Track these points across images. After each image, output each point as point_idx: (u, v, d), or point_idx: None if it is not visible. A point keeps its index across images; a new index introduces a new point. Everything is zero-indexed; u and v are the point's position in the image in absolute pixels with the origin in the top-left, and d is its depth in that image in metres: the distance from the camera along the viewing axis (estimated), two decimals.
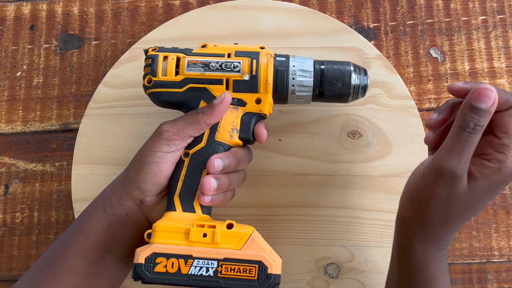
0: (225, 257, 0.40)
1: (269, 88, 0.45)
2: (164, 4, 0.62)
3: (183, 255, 0.40)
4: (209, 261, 0.40)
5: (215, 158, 0.43)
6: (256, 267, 0.39)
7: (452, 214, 0.39)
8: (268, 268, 0.39)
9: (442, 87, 0.58)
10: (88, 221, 0.44)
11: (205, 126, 0.44)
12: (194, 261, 0.40)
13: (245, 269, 0.40)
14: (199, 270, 0.40)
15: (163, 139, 0.43)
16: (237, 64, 0.45)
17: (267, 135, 0.47)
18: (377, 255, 0.53)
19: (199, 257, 0.40)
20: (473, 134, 0.37)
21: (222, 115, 0.44)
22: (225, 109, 0.44)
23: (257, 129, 0.46)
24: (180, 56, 0.46)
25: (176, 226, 0.41)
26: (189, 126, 0.44)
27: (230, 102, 0.44)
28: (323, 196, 0.54)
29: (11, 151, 0.59)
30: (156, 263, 0.40)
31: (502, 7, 0.59)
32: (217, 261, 0.40)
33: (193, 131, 0.44)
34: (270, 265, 0.39)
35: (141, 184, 0.43)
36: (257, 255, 0.40)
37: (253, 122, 0.46)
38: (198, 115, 0.44)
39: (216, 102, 0.44)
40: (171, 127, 0.44)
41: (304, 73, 0.46)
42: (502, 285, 0.54)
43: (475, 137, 0.37)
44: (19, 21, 0.62)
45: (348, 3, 0.60)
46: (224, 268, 0.40)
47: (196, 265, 0.40)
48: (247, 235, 0.40)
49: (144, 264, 0.40)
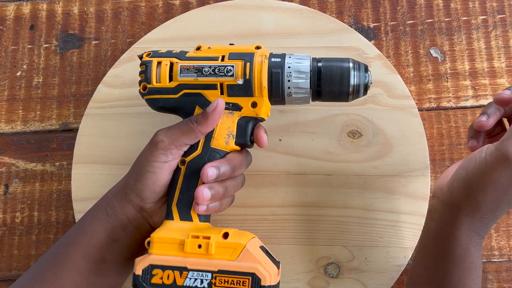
0: (219, 269, 0.40)
1: (264, 92, 0.44)
2: (164, 4, 0.62)
3: (178, 267, 0.40)
4: (203, 273, 0.40)
5: (209, 167, 0.42)
6: (249, 279, 0.39)
7: (505, 201, 0.41)
8: (261, 280, 0.39)
9: (442, 86, 0.58)
10: (90, 223, 0.45)
11: (200, 135, 0.44)
12: (189, 273, 0.40)
13: (238, 281, 0.40)
14: (193, 282, 0.40)
15: (159, 149, 0.43)
16: (230, 68, 0.44)
17: (267, 139, 0.46)
18: (377, 255, 0.52)
19: (194, 269, 0.40)
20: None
21: (216, 122, 0.44)
22: (219, 117, 0.43)
23: (257, 134, 0.45)
24: (173, 61, 0.45)
25: (171, 237, 0.41)
26: (184, 135, 0.43)
27: (223, 109, 0.44)
28: (323, 196, 0.54)
29: (11, 151, 0.59)
30: (153, 275, 0.40)
31: (502, 7, 0.59)
32: (211, 273, 0.40)
33: (188, 140, 0.43)
34: (264, 277, 0.39)
35: (141, 192, 0.43)
36: (250, 266, 0.40)
37: (250, 126, 0.45)
38: (193, 124, 0.43)
39: (209, 110, 0.43)
40: (166, 137, 0.43)
41: (300, 74, 0.44)
42: (503, 284, 0.54)
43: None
44: (19, 21, 0.62)
45: (348, 3, 0.60)
46: (218, 280, 0.40)
47: (191, 277, 0.40)
48: (242, 246, 0.40)
49: (142, 276, 0.40)
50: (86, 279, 0.43)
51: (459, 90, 0.58)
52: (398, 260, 0.52)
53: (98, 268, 0.44)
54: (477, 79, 0.58)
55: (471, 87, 0.58)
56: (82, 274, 0.43)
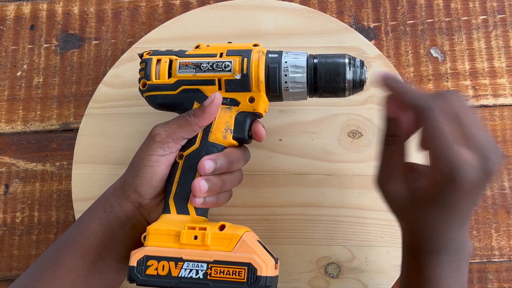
0: (215, 259, 0.40)
1: (262, 86, 0.44)
2: (164, 3, 0.62)
3: (174, 258, 0.40)
4: (199, 264, 0.40)
5: (206, 159, 0.42)
6: (245, 269, 0.39)
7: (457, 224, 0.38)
8: (257, 270, 0.39)
9: (442, 86, 0.58)
10: (88, 221, 0.45)
11: (198, 128, 0.44)
12: (184, 264, 0.40)
13: (234, 271, 0.39)
14: (189, 272, 0.40)
15: (156, 143, 0.43)
16: (228, 63, 0.44)
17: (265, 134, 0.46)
18: (378, 255, 0.52)
19: (189, 260, 0.40)
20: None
21: (213, 116, 0.44)
22: (216, 110, 0.44)
23: (256, 128, 0.46)
24: (172, 58, 0.46)
25: (167, 228, 0.41)
26: (181, 128, 0.43)
27: (220, 103, 0.44)
28: (323, 196, 0.54)
29: (11, 151, 0.59)
30: (148, 266, 0.40)
31: (502, 7, 0.59)
32: (207, 264, 0.40)
33: (186, 133, 0.44)
34: (260, 267, 0.39)
35: (138, 187, 0.43)
36: (246, 257, 0.39)
37: (248, 121, 0.45)
38: (190, 117, 0.43)
39: (206, 103, 0.43)
40: (164, 130, 0.43)
41: (296, 69, 0.44)
42: (503, 284, 0.54)
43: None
44: (19, 20, 0.62)
45: (348, 3, 0.60)
46: (214, 271, 0.39)
47: (186, 267, 0.40)
48: (238, 236, 0.40)
49: (136, 267, 0.40)
50: (85, 278, 0.43)
51: (459, 90, 0.58)
52: (398, 260, 0.52)
53: (96, 266, 0.44)
54: (477, 79, 0.58)
55: (471, 87, 0.58)
56: (80, 273, 0.43)
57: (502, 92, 0.57)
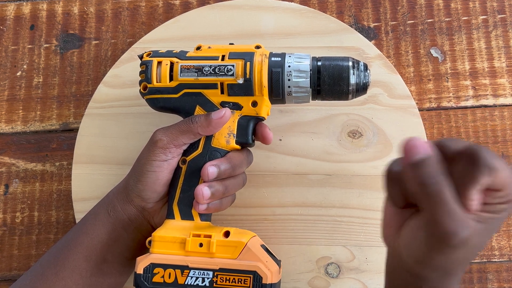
0: (220, 267, 0.40)
1: (265, 91, 0.44)
2: (164, 3, 0.62)
3: (180, 266, 0.40)
4: (204, 272, 0.40)
5: (209, 165, 0.42)
6: (250, 278, 0.39)
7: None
8: (262, 278, 0.39)
9: (442, 86, 0.58)
10: (92, 223, 0.45)
11: (199, 136, 0.44)
12: (190, 272, 0.40)
13: (240, 279, 0.40)
14: (195, 280, 0.40)
15: (158, 148, 0.43)
16: (231, 67, 0.44)
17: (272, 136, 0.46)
18: (378, 255, 0.52)
19: (195, 268, 0.40)
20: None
21: (217, 130, 0.44)
22: (221, 126, 0.43)
23: (263, 131, 0.46)
24: (173, 61, 0.45)
25: (173, 236, 0.41)
26: (183, 134, 0.43)
27: (228, 120, 0.44)
28: (323, 196, 0.54)
29: (11, 151, 0.59)
30: (154, 274, 0.40)
31: (502, 7, 0.59)
32: (213, 272, 0.40)
33: (187, 139, 0.44)
34: (265, 275, 0.39)
35: (142, 192, 0.43)
36: (252, 265, 0.40)
37: (250, 125, 0.45)
38: (193, 124, 0.43)
39: (214, 116, 0.43)
40: (165, 136, 0.43)
41: (300, 73, 0.44)
42: (503, 284, 0.54)
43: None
44: (19, 20, 0.62)
45: (348, 3, 0.60)
46: (220, 279, 0.40)
47: (192, 275, 0.40)
48: (243, 244, 0.40)
49: (143, 275, 0.40)
50: (88, 280, 0.43)
51: (459, 90, 0.58)
52: None
53: (99, 268, 0.44)
54: (477, 79, 0.58)
55: (471, 87, 0.58)
56: (83, 274, 0.43)
57: (502, 92, 0.57)
